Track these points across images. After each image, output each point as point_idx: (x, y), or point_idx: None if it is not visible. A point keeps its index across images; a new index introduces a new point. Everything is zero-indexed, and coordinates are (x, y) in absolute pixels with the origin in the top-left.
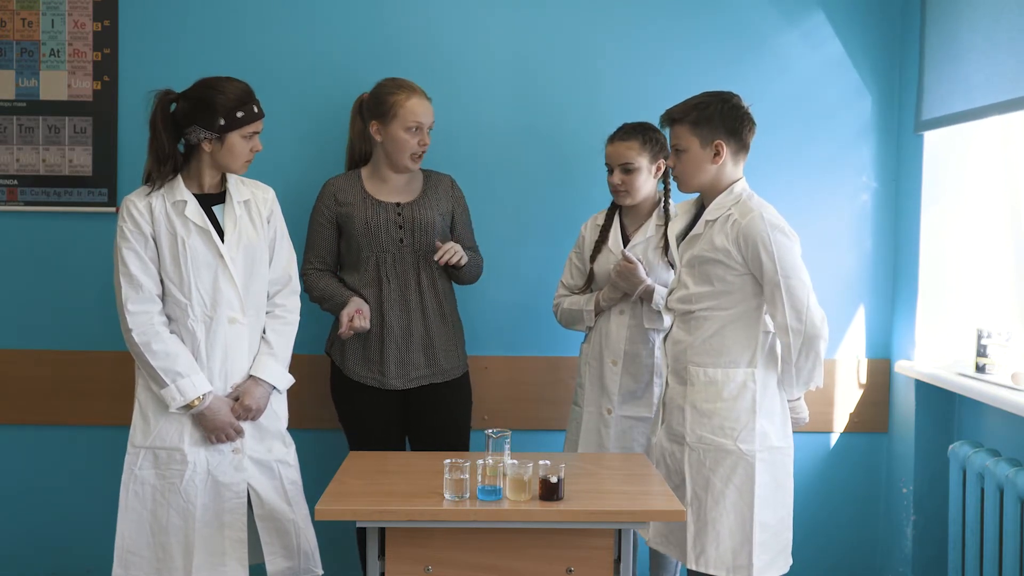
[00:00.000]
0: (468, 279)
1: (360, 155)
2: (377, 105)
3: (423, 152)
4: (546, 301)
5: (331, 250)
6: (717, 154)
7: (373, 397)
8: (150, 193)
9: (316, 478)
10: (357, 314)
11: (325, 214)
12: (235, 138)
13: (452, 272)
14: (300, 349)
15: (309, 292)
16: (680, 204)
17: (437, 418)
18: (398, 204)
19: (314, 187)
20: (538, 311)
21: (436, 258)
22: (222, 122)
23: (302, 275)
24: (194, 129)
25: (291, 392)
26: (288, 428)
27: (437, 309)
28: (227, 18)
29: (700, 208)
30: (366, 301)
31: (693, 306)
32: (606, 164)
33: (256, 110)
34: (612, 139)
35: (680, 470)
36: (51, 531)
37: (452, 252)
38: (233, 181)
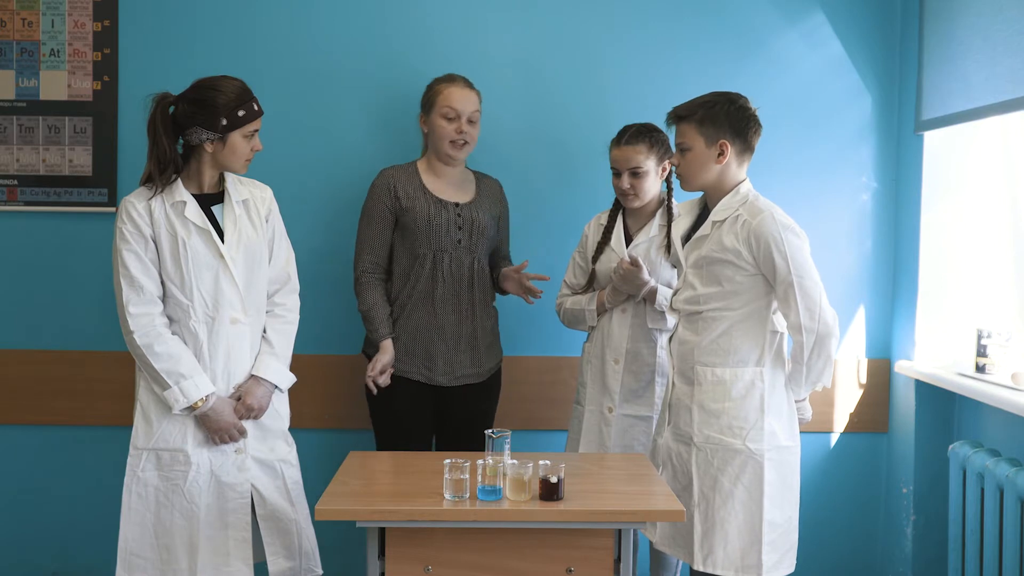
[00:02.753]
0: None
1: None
2: (424, 99)
3: (464, 142)
4: (548, 302)
5: (386, 245)
6: (721, 154)
7: (408, 391)
8: (150, 196)
9: (316, 478)
10: (382, 375)
11: (385, 204)
12: (237, 137)
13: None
14: (301, 349)
15: (358, 297)
16: (683, 204)
17: (469, 415)
18: (457, 204)
19: (313, 187)
20: (540, 311)
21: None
22: (224, 122)
23: (357, 278)
24: (195, 130)
25: (292, 392)
26: (289, 428)
27: (484, 309)
28: (227, 18)
29: (703, 208)
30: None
31: (701, 307)
32: (612, 168)
33: (256, 108)
34: (619, 143)
35: (687, 470)
36: (52, 531)
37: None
38: (231, 181)
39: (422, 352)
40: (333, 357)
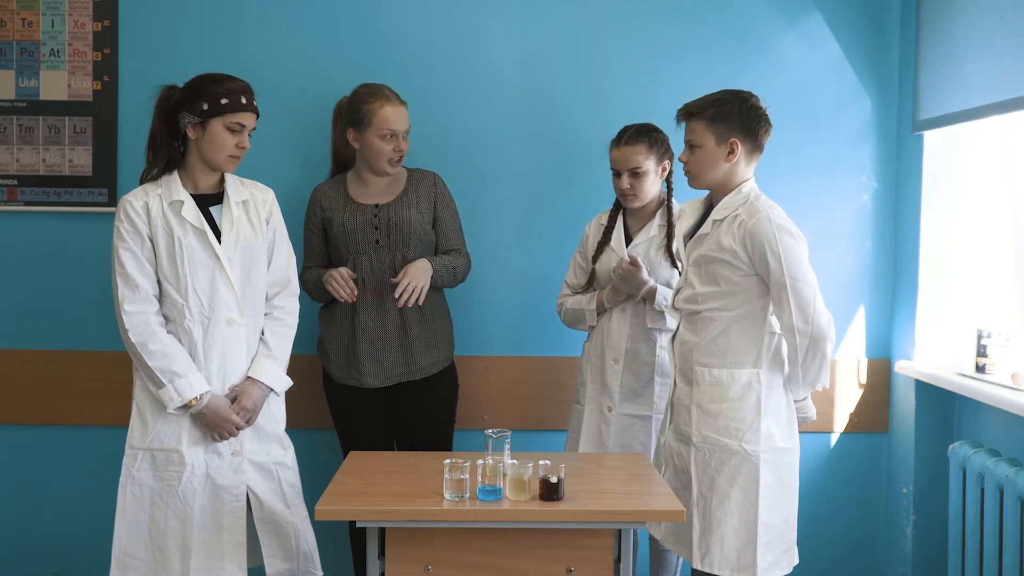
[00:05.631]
0: (445, 285)
1: (344, 159)
2: (352, 113)
3: (400, 157)
4: (548, 301)
5: (323, 254)
6: (731, 152)
7: (354, 396)
8: (147, 190)
9: (315, 478)
10: (341, 281)
11: (313, 220)
12: (217, 126)
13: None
14: (298, 349)
15: (304, 286)
16: (688, 203)
17: (417, 414)
18: (376, 205)
19: (311, 184)
20: (540, 311)
21: (396, 295)
22: (205, 106)
23: (299, 276)
24: (182, 115)
25: (290, 392)
26: (287, 428)
27: (416, 307)
28: (227, 18)
29: (708, 207)
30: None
31: (699, 306)
32: (612, 169)
33: (243, 101)
34: (618, 143)
35: (687, 470)
36: (51, 531)
37: (409, 291)
38: (231, 181)
39: (352, 356)
40: None
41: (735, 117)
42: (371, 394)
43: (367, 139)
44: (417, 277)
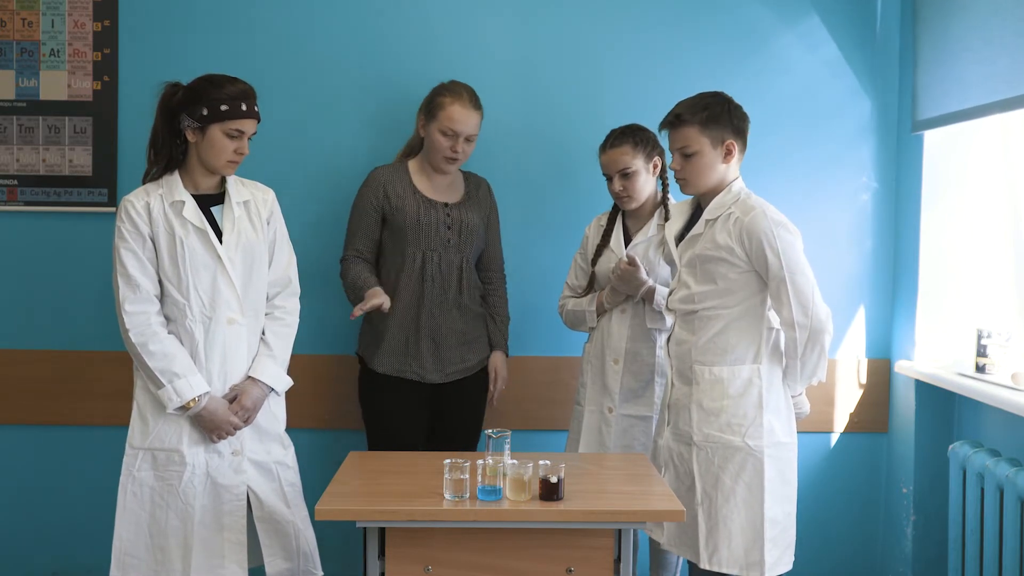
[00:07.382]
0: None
1: (413, 146)
2: (428, 101)
3: (456, 159)
4: (549, 302)
5: (374, 239)
6: (728, 153)
7: (401, 388)
8: (148, 190)
9: (315, 478)
10: (372, 297)
11: (372, 203)
12: (216, 132)
13: None
14: (299, 349)
15: (343, 278)
16: (675, 204)
17: (466, 409)
18: (446, 204)
19: (307, 186)
20: (540, 312)
21: (494, 401)
22: (204, 112)
23: (342, 260)
24: (182, 117)
25: (291, 392)
26: (287, 428)
27: (472, 306)
28: (227, 18)
29: (696, 207)
30: (391, 296)
31: (696, 306)
32: (604, 175)
33: (243, 108)
34: (604, 148)
35: (689, 471)
36: (51, 531)
37: (502, 388)
38: (232, 182)
39: (413, 351)
40: (332, 357)
41: (726, 118)
42: (420, 389)
43: (430, 130)
44: (503, 372)
